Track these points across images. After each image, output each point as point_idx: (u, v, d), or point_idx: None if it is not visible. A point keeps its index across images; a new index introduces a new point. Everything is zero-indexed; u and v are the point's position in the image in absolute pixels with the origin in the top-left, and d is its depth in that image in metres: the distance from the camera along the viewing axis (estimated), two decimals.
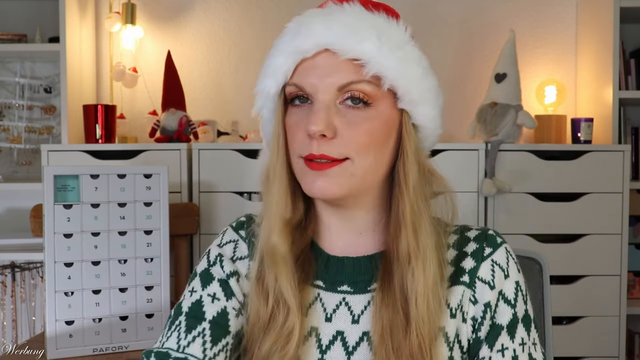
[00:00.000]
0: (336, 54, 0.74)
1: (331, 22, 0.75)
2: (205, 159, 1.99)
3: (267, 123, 0.84)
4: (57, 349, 1.46)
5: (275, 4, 2.46)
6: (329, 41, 0.74)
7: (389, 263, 0.79)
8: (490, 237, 0.84)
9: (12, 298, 2.36)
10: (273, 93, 0.79)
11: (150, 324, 1.55)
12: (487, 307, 0.80)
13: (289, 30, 0.79)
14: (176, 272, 1.85)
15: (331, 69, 0.74)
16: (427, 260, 0.76)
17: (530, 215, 2.02)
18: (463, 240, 0.84)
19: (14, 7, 2.44)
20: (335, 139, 0.74)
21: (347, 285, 0.81)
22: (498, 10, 2.48)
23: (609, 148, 2.06)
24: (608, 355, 2.04)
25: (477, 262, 0.81)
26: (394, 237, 0.79)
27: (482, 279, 0.80)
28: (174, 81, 2.20)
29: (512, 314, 0.80)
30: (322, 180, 0.74)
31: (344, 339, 0.79)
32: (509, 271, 0.82)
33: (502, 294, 0.80)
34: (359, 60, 0.74)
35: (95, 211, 1.49)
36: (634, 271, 2.31)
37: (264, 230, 0.80)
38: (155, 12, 2.48)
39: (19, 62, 2.39)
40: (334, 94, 0.75)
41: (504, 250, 0.83)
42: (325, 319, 0.80)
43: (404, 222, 0.77)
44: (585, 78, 2.42)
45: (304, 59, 0.76)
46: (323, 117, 0.73)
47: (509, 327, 0.79)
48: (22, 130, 2.36)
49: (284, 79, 0.78)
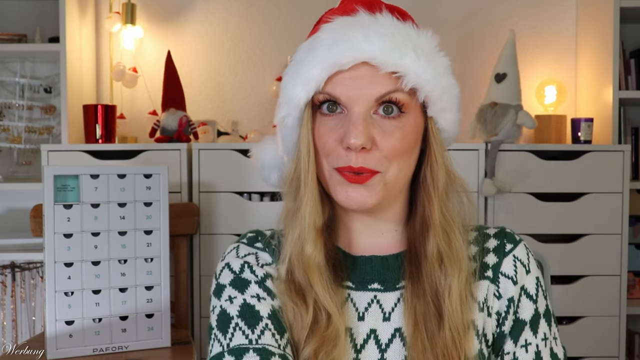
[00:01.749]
0: (375, 67, 0.75)
1: (371, 36, 0.75)
2: (205, 159, 1.99)
3: (290, 131, 0.82)
4: (57, 349, 1.46)
5: (275, 4, 2.46)
6: (371, 56, 0.75)
7: (415, 261, 0.81)
8: (509, 234, 0.87)
9: (12, 298, 2.36)
10: (302, 102, 0.78)
11: (150, 324, 1.55)
12: (510, 302, 0.82)
13: (323, 40, 0.77)
14: (176, 272, 1.85)
15: (369, 81, 0.75)
16: (460, 262, 0.79)
17: (530, 215, 2.02)
18: (483, 237, 0.86)
19: (14, 7, 2.44)
20: (372, 150, 0.75)
21: (377, 283, 0.82)
22: (498, 10, 2.48)
23: (609, 148, 2.06)
24: (608, 355, 2.04)
25: (499, 258, 0.84)
26: (420, 237, 0.81)
27: (505, 274, 0.83)
28: (174, 81, 2.20)
29: (534, 309, 0.82)
30: (357, 192, 0.76)
31: (376, 337, 0.80)
32: (530, 267, 0.84)
33: (525, 289, 0.83)
34: (397, 72, 0.75)
35: (95, 211, 1.49)
36: (634, 271, 2.31)
37: (296, 240, 0.80)
38: (155, 12, 2.48)
39: (19, 62, 2.39)
40: (371, 104, 0.76)
41: (523, 246, 0.86)
42: (358, 319, 0.81)
43: (432, 225, 0.80)
44: (586, 78, 2.42)
45: (339, 71, 0.76)
46: (363, 129, 0.74)
47: (531, 322, 0.82)
48: (22, 130, 2.36)
49: (316, 89, 0.77)
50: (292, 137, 0.82)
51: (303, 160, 0.79)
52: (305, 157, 0.79)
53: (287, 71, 0.81)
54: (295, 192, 0.80)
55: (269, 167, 0.90)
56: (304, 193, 0.79)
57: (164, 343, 1.56)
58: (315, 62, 0.76)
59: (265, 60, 2.47)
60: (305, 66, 0.77)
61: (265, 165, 0.90)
